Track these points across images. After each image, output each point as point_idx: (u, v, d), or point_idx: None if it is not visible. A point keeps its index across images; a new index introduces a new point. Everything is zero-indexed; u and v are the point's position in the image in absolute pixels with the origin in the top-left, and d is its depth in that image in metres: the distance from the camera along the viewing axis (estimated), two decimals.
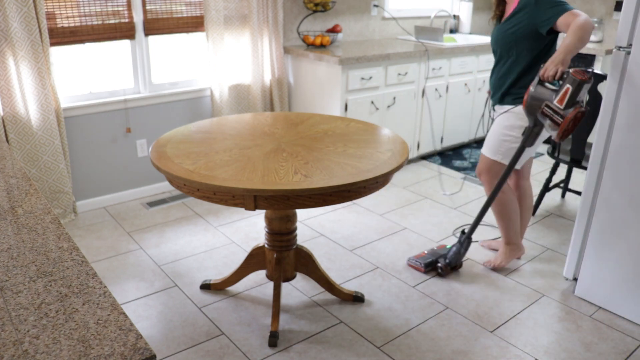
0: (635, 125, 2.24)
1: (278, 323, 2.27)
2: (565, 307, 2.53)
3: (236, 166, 1.96)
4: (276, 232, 2.34)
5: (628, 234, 2.36)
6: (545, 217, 3.46)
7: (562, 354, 2.21)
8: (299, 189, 1.79)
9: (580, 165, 3.16)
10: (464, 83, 4.41)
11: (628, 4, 2.20)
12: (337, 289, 2.50)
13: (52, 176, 3.14)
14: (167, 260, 2.86)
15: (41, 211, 1.30)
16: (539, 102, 2.15)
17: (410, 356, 2.18)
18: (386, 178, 2.02)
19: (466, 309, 2.49)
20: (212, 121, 2.54)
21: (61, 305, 0.94)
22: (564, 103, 2.06)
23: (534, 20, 2.33)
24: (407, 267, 2.82)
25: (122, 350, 0.83)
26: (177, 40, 3.65)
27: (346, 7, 4.27)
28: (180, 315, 2.41)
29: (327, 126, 2.47)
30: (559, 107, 2.07)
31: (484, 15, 5.39)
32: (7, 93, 2.91)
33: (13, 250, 1.12)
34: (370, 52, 3.77)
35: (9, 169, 1.57)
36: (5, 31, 2.80)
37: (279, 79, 3.91)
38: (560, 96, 2.07)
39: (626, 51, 2.23)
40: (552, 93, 2.13)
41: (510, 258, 2.82)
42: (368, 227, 3.26)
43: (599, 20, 4.70)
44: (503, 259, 2.81)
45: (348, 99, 3.67)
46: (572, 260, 2.64)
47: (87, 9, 3.14)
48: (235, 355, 2.16)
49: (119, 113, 3.42)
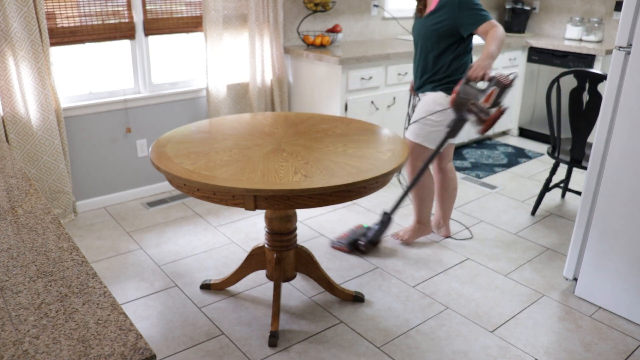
0: (635, 125, 2.24)
1: (278, 323, 2.27)
2: (565, 307, 2.53)
3: (236, 166, 1.96)
4: (276, 232, 2.34)
5: (628, 234, 2.36)
6: (545, 217, 3.46)
7: (562, 354, 2.21)
8: (299, 189, 1.79)
9: (580, 165, 3.16)
10: None
11: (628, 4, 2.20)
12: (337, 289, 2.50)
13: (52, 176, 3.14)
14: (167, 260, 2.85)
15: (41, 211, 1.30)
16: (466, 99, 2.36)
17: (410, 356, 2.18)
18: (386, 178, 2.02)
19: (466, 309, 2.49)
20: (212, 121, 2.54)
21: (61, 305, 0.94)
22: (489, 103, 2.31)
23: (457, 22, 2.56)
24: (407, 267, 2.82)
25: (122, 350, 0.83)
26: (177, 40, 3.65)
27: (346, 7, 4.27)
28: (180, 315, 2.41)
29: (327, 126, 2.47)
30: (485, 106, 2.31)
31: None
32: (7, 93, 2.91)
33: (13, 250, 1.12)
34: (370, 52, 3.77)
35: (9, 169, 1.57)
36: (5, 31, 2.80)
37: (279, 79, 3.91)
38: (487, 97, 2.31)
39: (626, 51, 2.23)
40: (478, 93, 2.36)
41: (417, 235, 3.05)
42: None
43: (599, 20, 4.70)
44: (411, 235, 3.04)
45: (348, 99, 3.67)
46: (572, 260, 2.64)
47: (87, 9, 3.14)
48: (235, 355, 2.16)
49: (119, 113, 3.42)
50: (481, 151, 4.67)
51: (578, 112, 3.08)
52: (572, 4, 5.00)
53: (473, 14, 2.53)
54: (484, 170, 4.22)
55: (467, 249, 3.02)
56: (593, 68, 4.43)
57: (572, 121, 3.11)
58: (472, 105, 2.33)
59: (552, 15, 5.18)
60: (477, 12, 2.53)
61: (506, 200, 3.70)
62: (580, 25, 4.81)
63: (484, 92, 2.32)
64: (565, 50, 4.56)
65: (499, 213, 3.49)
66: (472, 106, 2.33)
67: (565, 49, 4.55)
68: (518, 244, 3.09)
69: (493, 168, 4.28)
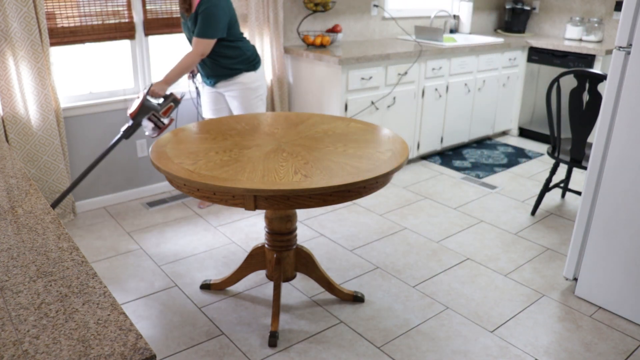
0: (635, 125, 2.24)
1: (278, 323, 2.27)
2: (565, 307, 2.53)
3: (236, 166, 1.96)
4: (276, 232, 2.34)
5: (628, 234, 2.36)
6: (545, 217, 3.46)
7: (562, 354, 2.21)
8: (299, 189, 1.79)
9: (580, 165, 3.16)
10: (464, 83, 4.41)
11: (628, 4, 2.20)
12: (337, 289, 2.50)
13: (51, 176, 3.14)
14: (167, 260, 2.85)
15: (41, 211, 1.30)
16: (149, 110, 2.97)
17: (410, 356, 2.18)
18: (386, 178, 2.02)
19: (466, 309, 2.49)
20: (212, 121, 2.54)
21: (61, 305, 0.94)
22: (167, 114, 3.03)
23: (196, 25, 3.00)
24: (407, 267, 2.82)
25: (122, 350, 0.83)
26: (177, 40, 3.65)
27: (346, 7, 4.27)
28: (180, 315, 2.41)
29: (327, 126, 2.47)
30: (163, 116, 3.02)
31: (484, 15, 5.39)
32: (7, 93, 2.91)
33: (13, 250, 1.12)
34: (370, 52, 3.77)
35: (9, 169, 1.57)
36: (5, 31, 2.80)
37: (279, 78, 3.91)
38: (165, 109, 3.02)
39: (626, 51, 2.23)
40: (157, 106, 3.00)
41: None
42: (368, 227, 3.26)
43: (599, 20, 4.70)
44: None
45: (348, 99, 3.67)
46: (572, 260, 2.64)
47: (87, 9, 3.14)
48: (235, 355, 2.16)
49: (119, 113, 3.42)
50: (481, 151, 4.67)
51: (578, 112, 3.08)
52: (572, 4, 5.00)
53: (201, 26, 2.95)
54: (484, 170, 4.22)
55: (467, 249, 3.02)
56: (593, 68, 4.43)
57: (572, 121, 3.11)
58: (152, 115, 2.98)
59: (552, 15, 5.18)
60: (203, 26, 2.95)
61: (506, 200, 3.70)
62: (580, 25, 4.81)
63: (162, 106, 3.01)
64: (565, 50, 4.56)
65: (499, 213, 3.49)
66: (152, 116, 2.98)
67: (565, 49, 4.55)
68: (518, 244, 3.09)
69: (493, 168, 4.28)
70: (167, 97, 3.05)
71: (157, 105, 3.00)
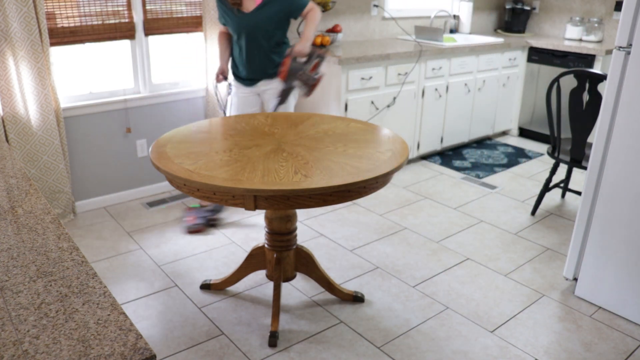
0: (635, 125, 2.24)
1: (278, 323, 2.27)
2: (565, 307, 2.53)
3: (236, 166, 1.96)
4: (276, 232, 2.34)
5: (628, 234, 2.36)
6: (545, 217, 3.46)
7: (562, 354, 2.21)
8: (299, 189, 1.79)
9: (580, 165, 3.16)
10: (464, 83, 4.41)
11: (628, 4, 2.20)
12: (337, 289, 2.50)
13: (51, 176, 3.14)
14: (167, 260, 2.85)
15: (41, 211, 1.30)
16: (297, 71, 2.94)
17: (410, 356, 2.18)
18: (386, 178, 2.02)
19: (466, 309, 2.49)
20: (212, 121, 2.54)
21: (61, 305, 0.94)
22: (315, 70, 2.97)
23: (289, 7, 2.97)
24: (407, 267, 2.82)
25: (122, 350, 0.83)
26: (177, 40, 3.65)
27: (346, 7, 4.27)
28: (180, 315, 2.41)
29: (327, 126, 2.47)
30: (312, 73, 2.97)
31: (484, 15, 5.39)
32: (7, 93, 2.91)
33: (13, 250, 1.12)
34: (370, 52, 3.77)
35: (9, 169, 1.57)
36: (5, 31, 2.80)
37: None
38: (312, 66, 2.97)
39: (626, 51, 2.23)
40: (303, 65, 2.96)
41: None
42: (368, 227, 3.26)
43: (599, 20, 4.70)
44: None
45: (348, 99, 3.67)
46: (572, 260, 2.64)
47: (87, 9, 3.14)
48: (235, 355, 2.16)
49: (119, 113, 3.42)
50: (481, 151, 4.67)
51: (578, 112, 3.08)
52: (572, 4, 5.00)
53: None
54: (484, 170, 4.22)
55: (467, 249, 3.02)
56: (593, 68, 4.43)
57: (572, 121, 3.11)
58: (301, 74, 2.94)
59: (552, 15, 5.18)
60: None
61: (506, 200, 3.70)
62: (580, 25, 4.81)
63: (308, 64, 2.96)
64: (565, 50, 4.56)
65: (499, 213, 3.49)
66: (301, 75, 2.94)
67: (565, 49, 4.55)
68: (518, 244, 3.09)
69: (493, 168, 4.28)
70: (310, 55, 3.01)
71: (301, 64, 2.98)
